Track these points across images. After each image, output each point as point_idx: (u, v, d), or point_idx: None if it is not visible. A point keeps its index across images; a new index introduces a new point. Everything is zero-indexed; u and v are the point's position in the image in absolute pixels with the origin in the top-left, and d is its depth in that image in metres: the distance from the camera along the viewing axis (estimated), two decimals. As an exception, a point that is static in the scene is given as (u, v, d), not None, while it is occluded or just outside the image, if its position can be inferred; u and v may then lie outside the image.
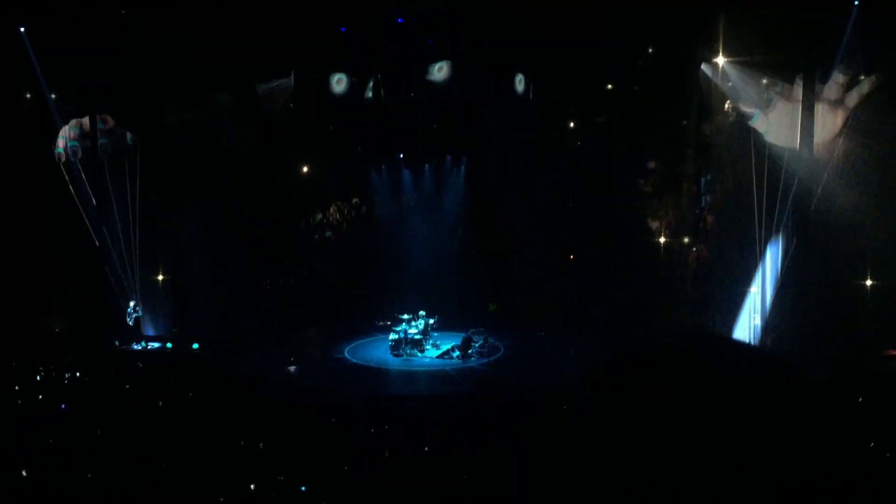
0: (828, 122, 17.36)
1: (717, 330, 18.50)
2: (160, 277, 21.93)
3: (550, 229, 23.42)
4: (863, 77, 16.78)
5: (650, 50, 20.45)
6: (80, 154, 19.87)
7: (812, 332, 16.10)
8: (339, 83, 20.61)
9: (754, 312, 19.03)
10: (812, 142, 17.46)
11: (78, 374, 14.88)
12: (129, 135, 20.50)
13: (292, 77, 21.15)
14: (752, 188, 18.58)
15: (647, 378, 1.10)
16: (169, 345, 20.67)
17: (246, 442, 10.43)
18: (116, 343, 20.31)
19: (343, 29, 20.21)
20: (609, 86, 21.86)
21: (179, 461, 8.79)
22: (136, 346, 20.45)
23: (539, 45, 19.62)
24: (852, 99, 16.97)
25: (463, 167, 24.43)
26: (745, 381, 1.08)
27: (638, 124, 21.18)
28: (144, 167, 20.67)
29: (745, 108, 18.39)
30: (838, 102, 17.18)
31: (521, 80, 20.79)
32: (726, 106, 18.73)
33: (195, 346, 20.24)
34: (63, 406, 12.20)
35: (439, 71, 20.13)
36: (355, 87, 20.67)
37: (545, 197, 23.50)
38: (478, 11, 18.89)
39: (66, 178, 19.90)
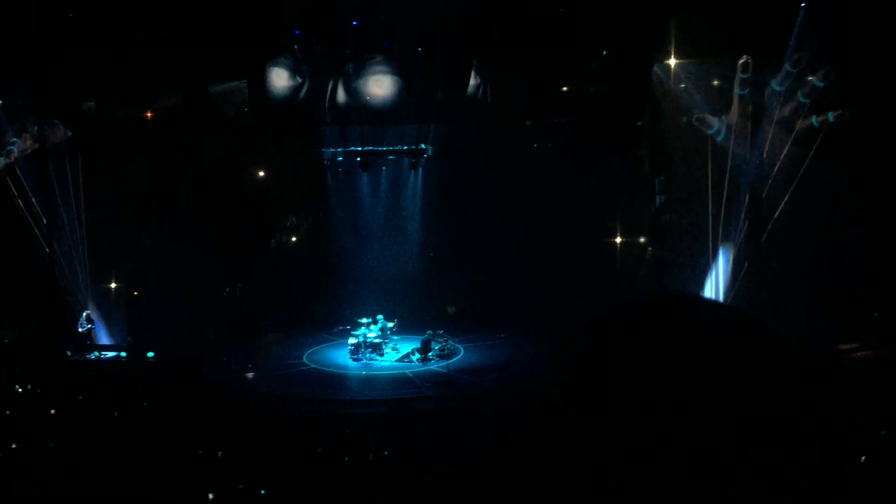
0: (778, 129, 17.82)
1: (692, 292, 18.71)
2: (113, 285, 21.56)
3: (507, 231, 23.54)
4: (810, 78, 17.17)
5: (604, 52, 20.68)
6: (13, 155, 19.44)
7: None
8: (279, 77, 20.51)
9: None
10: (763, 146, 17.89)
11: (29, 385, 14.55)
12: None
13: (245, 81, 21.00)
14: (705, 188, 18.92)
15: (628, 335, 1.09)
16: (123, 354, 20.28)
17: (204, 451, 10.30)
18: (69, 353, 19.87)
19: (297, 32, 20.12)
20: (564, 88, 22.06)
21: (136, 472, 8.65)
22: (89, 356, 20.03)
23: (495, 47, 19.76)
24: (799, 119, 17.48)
25: (420, 170, 24.43)
26: (730, 339, 1.08)
27: (593, 125, 21.40)
28: (91, 172, 20.32)
29: (707, 117, 18.71)
30: (788, 108, 17.65)
31: (477, 82, 20.89)
32: (689, 118, 19.00)
33: (150, 354, 19.89)
34: (7, 412, 11.93)
35: (377, 86, 20.21)
36: (298, 87, 20.64)
37: (502, 199, 23.60)
38: (434, 16, 18.90)
39: (11, 184, 19.46)
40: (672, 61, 19.00)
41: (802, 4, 16.87)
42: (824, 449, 1.00)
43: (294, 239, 25.87)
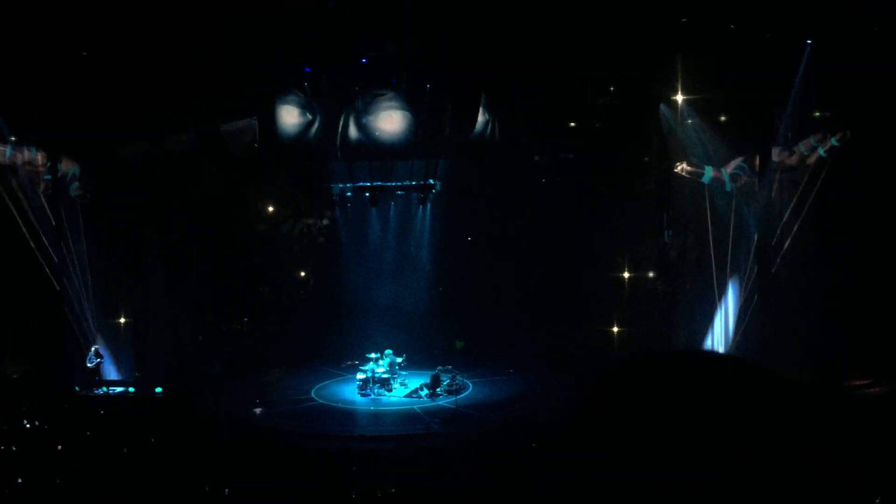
0: (784, 176, 17.98)
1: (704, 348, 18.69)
2: (122, 320, 21.61)
3: (516, 265, 23.56)
4: (817, 114, 17.27)
5: (611, 88, 20.84)
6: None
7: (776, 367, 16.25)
8: (289, 115, 20.66)
9: (717, 346, 19.25)
10: (769, 195, 18.02)
11: (37, 421, 14.52)
12: (74, 186, 20.34)
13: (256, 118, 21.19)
14: (713, 223, 18.98)
15: (646, 389, 1.12)
16: (131, 389, 20.26)
17: (210, 487, 10.24)
18: (77, 388, 19.86)
19: (307, 69, 20.35)
20: (572, 123, 22.20)
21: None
22: (97, 391, 20.02)
23: (502, 82, 19.95)
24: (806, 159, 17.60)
25: (429, 204, 24.51)
26: (737, 392, 1.11)
27: (601, 161, 21.50)
28: (100, 206, 20.50)
29: (694, 168, 18.87)
30: (793, 167, 17.82)
31: (485, 118, 21.04)
32: (677, 168, 19.18)
33: (158, 389, 19.87)
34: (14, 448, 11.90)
35: (388, 121, 20.35)
36: (308, 124, 20.82)
37: (510, 233, 23.66)
38: (442, 51, 19.10)
39: (20, 218, 19.59)
40: (679, 97, 19.14)
41: (808, 42, 17.01)
42: (832, 482, 1.02)
43: (302, 273, 25.91)
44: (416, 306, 24.95)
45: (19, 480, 10.21)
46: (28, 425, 14.34)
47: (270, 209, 25.06)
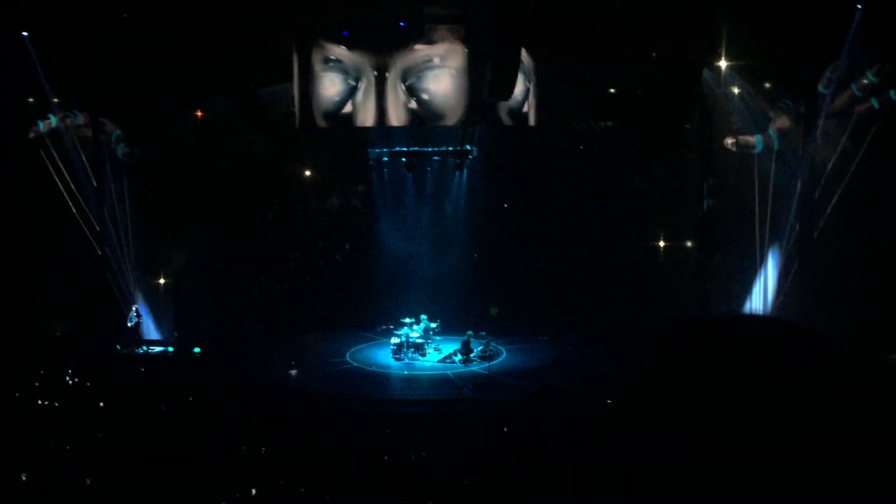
0: (831, 131, 17.48)
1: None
2: (162, 281, 21.96)
3: (553, 233, 23.40)
4: (866, 81, 16.78)
5: (653, 54, 20.40)
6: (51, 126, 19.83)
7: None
8: (332, 84, 20.50)
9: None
10: (815, 150, 17.57)
11: (79, 378, 14.88)
12: (121, 147, 20.61)
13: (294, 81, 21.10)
14: (755, 194, 18.63)
15: (690, 362, 1.09)
16: (170, 349, 20.66)
17: (248, 446, 10.42)
18: (118, 347, 20.31)
19: (346, 33, 20.20)
20: (612, 90, 21.84)
21: (181, 465, 8.79)
22: (137, 350, 20.45)
23: (542, 48, 19.64)
24: (856, 106, 17.08)
25: (465, 170, 24.38)
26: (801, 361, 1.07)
27: (641, 128, 21.15)
28: (143, 169, 20.77)
29: (747, 139, 18.52)
30: (842, 111, 17.29)
31: (525, 87, 20.71)
32: (727, 142, 18.86)
33: (197, 349, 20.24)
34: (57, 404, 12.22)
35: (435, 80, 20.06)
36: (349, 91, 20.62)
37: (547, 200, 23.47)
38: (484, 13, 18.82)
39: (68, 178, 19.92)
40: (723, 63, 18.72)
41: (859, 7, 16.49)
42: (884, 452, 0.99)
43: (338, 237, 26.00)
44: (451, 272, 24.95)
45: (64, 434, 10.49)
46: (71, 382, 14.71)
47: (308, 173, 25.12)
